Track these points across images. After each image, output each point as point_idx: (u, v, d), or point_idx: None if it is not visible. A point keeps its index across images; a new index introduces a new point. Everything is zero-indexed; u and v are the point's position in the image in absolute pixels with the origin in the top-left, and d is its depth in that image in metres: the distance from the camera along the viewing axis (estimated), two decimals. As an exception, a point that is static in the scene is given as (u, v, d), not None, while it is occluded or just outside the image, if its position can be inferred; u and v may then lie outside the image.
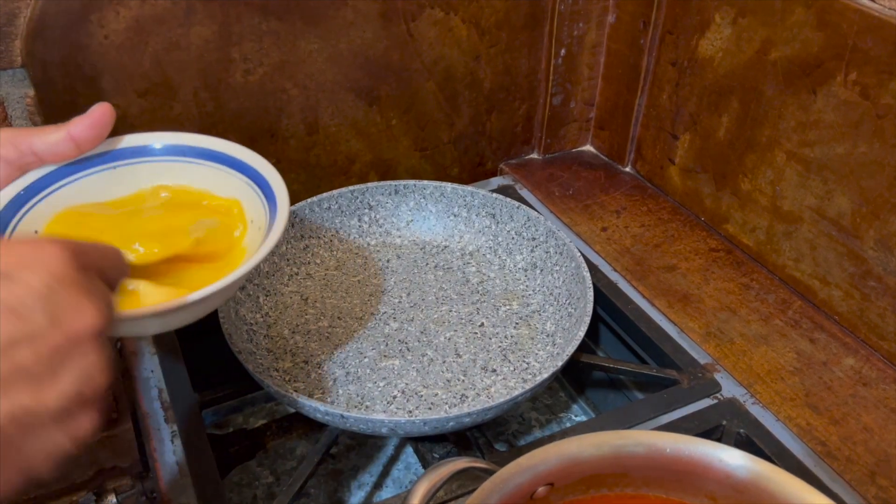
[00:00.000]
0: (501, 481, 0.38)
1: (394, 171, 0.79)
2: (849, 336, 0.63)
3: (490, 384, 0.58)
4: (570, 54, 0.79)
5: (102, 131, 0.44)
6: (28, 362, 0.27)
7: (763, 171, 0.67)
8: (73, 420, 0.29)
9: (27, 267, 0.28)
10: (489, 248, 0.71)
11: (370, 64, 0.71)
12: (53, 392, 0.28)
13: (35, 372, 0.27)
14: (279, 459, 0.68)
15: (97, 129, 0.44)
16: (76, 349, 0.28)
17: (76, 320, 0.28)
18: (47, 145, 0.43)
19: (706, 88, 0.70)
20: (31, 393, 0.27)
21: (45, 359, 0.27)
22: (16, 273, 0.27)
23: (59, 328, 0.28)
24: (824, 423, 0.55)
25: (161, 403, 0.56)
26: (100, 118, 0.43)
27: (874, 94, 0.56)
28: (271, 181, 0.47)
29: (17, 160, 0.42)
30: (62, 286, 0.28)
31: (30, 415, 0.27)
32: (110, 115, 0.44)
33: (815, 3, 0.58)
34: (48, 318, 0.27)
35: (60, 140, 0.43)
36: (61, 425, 0.28)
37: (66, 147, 0.43)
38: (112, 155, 0.48)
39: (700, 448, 0.40)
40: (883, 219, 0.58)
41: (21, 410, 0.27)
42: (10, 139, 0.42)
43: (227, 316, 0.57)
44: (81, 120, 0.43)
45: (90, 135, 0.43)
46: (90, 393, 0.29)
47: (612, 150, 0.85)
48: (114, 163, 0.48)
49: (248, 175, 0.48)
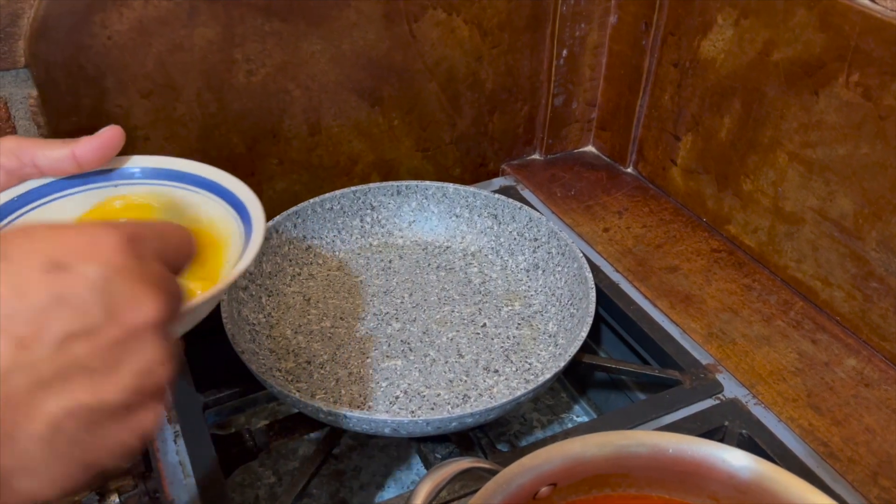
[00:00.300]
0: (504, 481, 0.38)
1: (396, 172, 0.79)
2: (851, 337, 0.63)
3: (492, 384, 0.59)
4: (572, 55, 0.80)
5: (109, 153, 0.44)
6: (85, 357, 0.26)
7: (765, 172, 0.67)
8: (134, 415, 0.28)
9: (83, 256, 0.27)
10: (491, 249, 0.71)
11: (372, 65, 0.71)
12: (112, 387, 0.27)
13: (92, 367, 0.26)
14: (281, 460, 0.68)
15: (103, 151, 0.44)
16: (135, 342, 0.27)
17: (134, 313, 0.27)
18: (50, 161, 0.43)
19: (708, 89, 0.70)
20: (88, 388, 0.26)
21: (103, 353, 0.27)
22: (71, 263, 0.26)
23: (117, 321, 0.27)
24: (826, 423, 0.56)
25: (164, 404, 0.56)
26: (108, 141, 0.43)
27: (876, 95, 0.56)
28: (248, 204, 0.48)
29: (18, 170, 0.42)
30: (119, 276, 0.27)
31: (88, 410, 0.26)
32: (119, 139, 0.44)
33: (818, 4, 0.58)
34: (105, 311, 0.27)
35: (63, 157, 0.43)
36: (123, 420, 0.27)
37: (69, 165, 0.43)
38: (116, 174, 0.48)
39: (703, 448, 0.40)
40: (885, 220, 0.58)
41: (79, 406, 0.26)
42: (13, 149, 0.42)
43: (230, 316, 0.57)
44: (89, 141, 0.43)
45: (95, 156, 0.43)
46: (151, 387, 0.28)
47: (613, 150, 0.85)
48: (115, 181, 0.48)
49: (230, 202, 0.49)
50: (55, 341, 0.26)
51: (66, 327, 0.26)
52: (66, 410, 0.26)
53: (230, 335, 0.55)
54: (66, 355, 0.26)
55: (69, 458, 0.26)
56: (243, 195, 0.49)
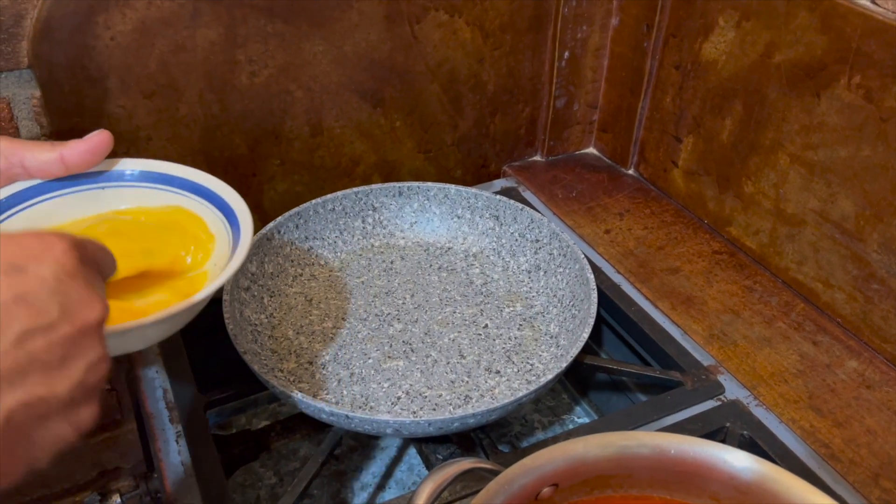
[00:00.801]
0: (506, 482, 0.38)
1: (397, 173, 0.79)
2: (852, 339, 0.63)
3: (494, 385, 0.59)
4: (574, 57, 0.80)
5: (97, 157, 0.45)
6: (42, 353, 0.27)
7: (766, 174, 0.67)
8: (78, 410, 0.29)
9: (37, 259, 0.28)
10: (493, 250, 0.71)
11: (374, 66, 0.71)
12: (64, 382, 0.28)
13: (48, 362, 0.28)
14: (283, 460, 0.68)
15: (91, 155, 0.44)
16: (85, 340, 0.29)
17: (85, 312, 0.29)
18: (38, 163, 0.43)
19: (709, 91, 0.71)
20: (43, 382, 0.28)
21: (58, 349, 0.28)
22: (26, 265, 0.28)
23: (70, 320, 0.28)
24: (828, 425, 0.56)
25: (166, 404, 0.56)
26: (97, 145, 0.44)
27: (878, 97, 0.56)
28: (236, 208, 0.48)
29: (6, 170, 0.43)
30: (71, 279, 0.29)
31: (42, 403, 0.28)
32: (108, 143, 0.44)
33: (819, 6, 0.58)
34: (60, 310, 0.28)
35: (52, 160, 0.43)
36: (68, 415, 0.29)
37: (56, 168, 0.44)
38: (104, 176, 0.49)
39: (704, 449, 0.41)
40: (886, 222, 0.58)
41: (35, 399, 0.27)
42: (1, 150, 0.42)
43: (232, 317, 0.57)
44: (77, 144, 0.44)
45: (83, 160, 0.44)
46: (95, 383, 0.30)
47: (615, 152, 0.85)
48: (102, 183, 0.49)
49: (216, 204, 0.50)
50: (15, 337, 0.27)
51: (26, 324, 0.27)
52: (22, 403, 0.27)
53: (232, 336, 0.55)
54: (24, 350, 0.27)
55: (16, 451, 0.27)
56: (233, 202, 0.49)
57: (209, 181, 0.51)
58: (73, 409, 0.29)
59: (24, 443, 0.27)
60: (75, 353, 0.29)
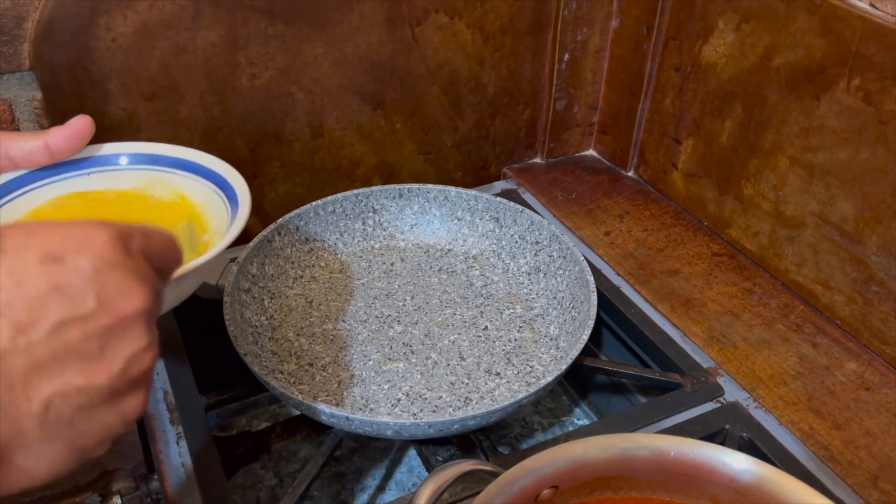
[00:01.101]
0: (506, 484, 0.38)
1: (397, 175, 0.79)
2: (851, 341, 0.63)
3: (494, 387, 0.59)
4: (574, 59, 0.80)
5: (80, 143, 0.45)
6: (78, 343, 0.28)
7: (766, 176, 0.67)
8: (122, 400, 0.30)
9: (76, 249, 0.28)
10: (493, 252, 0.71)
11: (375, 68, 0.71)
12: (103, 371, 0.28)
13: (85, 351, 0.28)
14: (283, 462, 0.68)
15: (74, 141, 0.45)
16: (124, 331, 0.29)
17: (124, 303, 0.29)
18: (24, 152, 0.44)
19: (709, 94, 0.71)
20: (81, 372, 0.28)
21: (95, 339, 0.28)
22: (65, 255, 0.28)
23: (108, 310, 0.29)
24: (827, 427, 0.56)
25: (167, 405, 0.56)
26: (79, 130, 0.45)
27: (877, 100, 0.56)
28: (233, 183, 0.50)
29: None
30: (110, 269, 0.29)
31: (81, 393, 0.28)
32: (90, 128, 0.45)
33: (819, 9, 0.59)
34: (97, 300, 0.28)
35: (36, 149, 0.44)
36: (111, 405, 0.29)
37: (42, 155, 0.44)
38: (89, 162, 0.50)
39: (704, 451, 0.41)
40: (886, 224, 0.58)
41: (72, 388, 0.28)
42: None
43: (233, 318, 0.57)
44: (61, 130, 0.44)
45: (67, 146, 0.45)
46: (138, 373, 0.30)
47: (615, 154, 0.85)
48: (88, 169, 0.49)
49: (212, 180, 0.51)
50: (51, 327, 0.27)
51: (62, 314, 0.27)
52: (60, 392, 0.27)
53: (232, 337, 0.55)
54: (60, 340, 0.27)
55: (61, 438, 0.28)
56: (223, 171, 0.50)
57: (197, 156, 0.52)
58: (118, 398, 0.29)
59: (67, 432, 0.28)
60: (115, 343, 0.29)
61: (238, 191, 0.50)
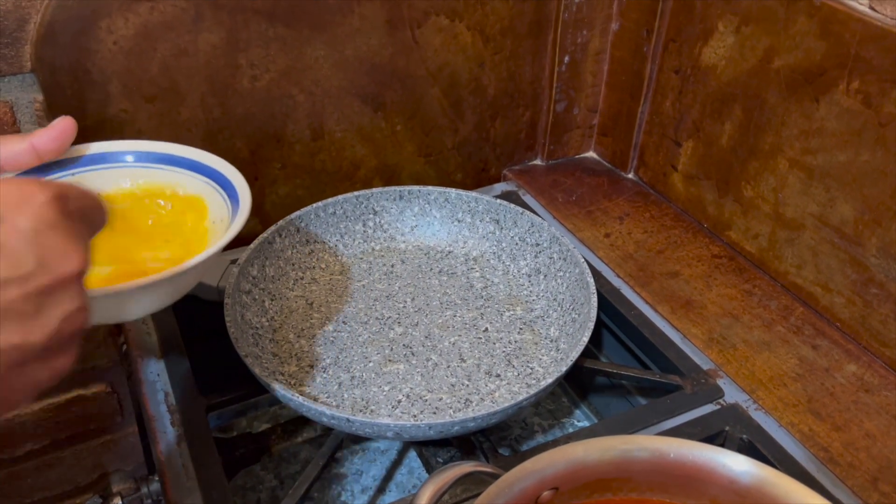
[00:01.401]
0: (507, 485, 0.38)
1: (398, 177, 0.79)
2: (851, 343, 0.63)
3: (494, 389, 0.59)
4: (574, 61, 0.80)
5: (64, 143, 0.46)
6: (17, 302, 0.28)
7: (766, 179, 0.67)
8: (55, 357, 0.31)
9: (16, 209, 0.29)
10: (493, 254, 0.72)
11: (376, 70, 0.71)
12: (40, 330, 0.29)
13: (23, 311, 0.29)
14: (283, 463, 0.68)
15: (59, 142, 0.45)
16: (61, 291, 0.30)
17: (62, 264, 0.30)
18: (11, 154, 0.44)
19: (709, 96, 0.71)
20: (19, 331, 0.28)
21: (33, 299, 0.29)
22: (4, 216, 0.28)
23: (47, 270, 0.29)
24: (827, 429, 0.56)
25: (167, 407, 0.56)
26: (63, 131, 0.45)
27: (876, 102, 0.56)
28: (232, 180, 0.50)
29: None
30: (49, 229, 0.29)
31: (17, 351, 0.28)
32: (72, 129, 0.46)
33: (818, 12, 0.59)
34: (36, 261, 0.29)
35: (23, 151, 0.44)
36: (45, 362, 0.30)
37: (28, 156, 0.45)
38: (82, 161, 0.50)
39: (704, 453, 0.41)
40: (885, 226, 0.58)
41: (10, 346, 0.28)
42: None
43: (234, 320, 0.57)
44: (45, 132, 0.45)
45: (52, 147, 0.45)
46: (72, 332, 0.31)
47: (615, 156, 0.85)
48: (73, 169, 0.50)
49: (210, 177, 0.51)
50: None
51: (1, 274, 0.28)
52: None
53: (233, 339, 0.55)
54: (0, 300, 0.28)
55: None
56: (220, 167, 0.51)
57: (190, 152, 0.52)
58: (50, 356, 0.30)
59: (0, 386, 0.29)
60: (51, 303, 0.29)
61: (238, 187, 0.50)
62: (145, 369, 0.60)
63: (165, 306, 0.48)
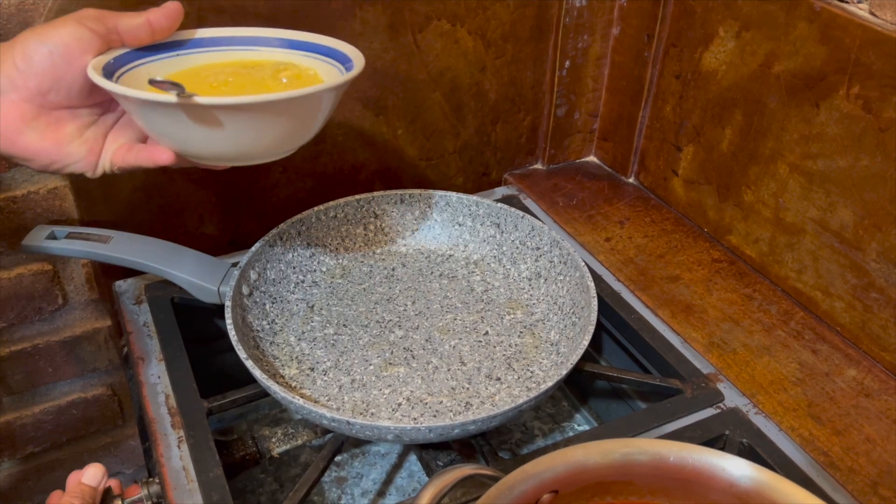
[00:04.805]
0: (507, 488, 0.38)
1: (399, 181, 0.79)
2: (851, 347, 0.63)
3: (494, 392, 0.59)
4: (575, 66, 0.80)
5: (174, 23, 0.49)
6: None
7: (766, 183, 0.67)
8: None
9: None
10: (494, 257, 0.72)
11: (377, 74, 0.71)
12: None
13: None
14: (283, 466, 0.68)
15: (170, 20, 0.48)
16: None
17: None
18: (129, 27, 0.47)
19: (710, 101, 0.71)
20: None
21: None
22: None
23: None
24: (827, 433, 0.56)
25: (168, 409, 0.56)
26: (173, 10, 0.48)
27: (876, 107, 0.57)
28: (345, 50, 0.52)
29: (105, 35, 0.46)
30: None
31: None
32: (180, 9, 0.48)
33: (819, 17, 0.59)
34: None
35: (140, 24, 0.47)
36: None
37: (145, 31, 0.48)
38: (194, 42, 0.52)
39: (704, 457, 0.41)
40: (885, 231, 0.58)
41: None
42: (97, 17, 0.46)
43: (235, 323, 0.57)
44: (159, 10, 0.48)
45: (167, 23, 0.48)
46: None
47: (615, 161, 0.85)
48: (189, 49, 0.52)
49: (317, 51, 0.53)
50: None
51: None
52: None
53: (234, 341, 0.56)
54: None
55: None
56: (326, 42, 0.53)
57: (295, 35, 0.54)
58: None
59: None
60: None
61: (348, 52, 0.52)
62: (146, 372, 0.60)
63: (294, 145, 0.50)
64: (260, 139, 0.47)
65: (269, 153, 0.49)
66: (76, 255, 0.61)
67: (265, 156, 0.49)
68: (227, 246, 0.73)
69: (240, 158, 0.49)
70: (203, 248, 0.64)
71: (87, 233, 0.61)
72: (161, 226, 0.69)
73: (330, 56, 0.53)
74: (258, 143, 0.47)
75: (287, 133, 0.48)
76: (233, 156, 0.48)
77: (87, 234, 0.61)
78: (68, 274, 0.69)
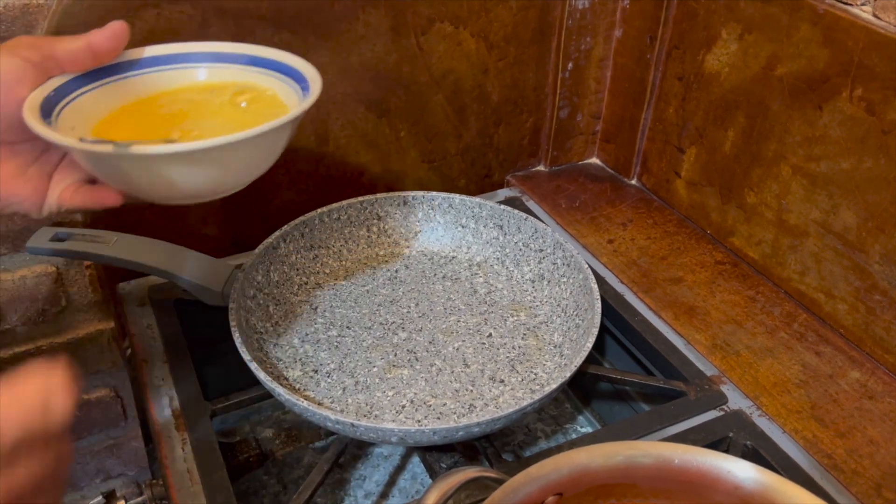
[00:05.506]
0: (511, 491, 0.38)
1: (402, 183, 0.79)
2: (854, 349, 0.63)
3: (498, 394, 0.59)
4: (578, 68, 0.80)
5: (119, 44, 0.45)
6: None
7: (769, 185, 0.67)
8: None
9: None
10: (497, 259, 0.72)
11: (380, 77, 0.72)
12: None
13: None
14: (287, 468, 0.68)
15: (114, 42, 0.45)
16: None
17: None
18: (67, 53, 0.44)
19: (712, 103, 0.71)
20: None
21: None
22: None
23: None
24: (830, 435, 0.56)
25: (171, 411, 0.56)
26: (117, 31, 0.45)
27: (879, 109, 0.57)
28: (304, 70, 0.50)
29: (41, 63, 0.43)
30: None
31: None
32: (125, 30, 0.45)
33: (821, 20, 0.59)
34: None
35: (80, 49, 0.44)
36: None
37: (86, 56, 0.44)
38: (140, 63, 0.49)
39: (708, 459, 0.41)
40: (888, 233, 0.58)
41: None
42: (31, 44, 0.43)
43: (238, 324, 0.57)
44: (101, 31, 0.44)
45: (108, 46, 0.45)
46: None
47: (618, 163, 0.85)
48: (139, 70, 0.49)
49: (276, 69, 0.51)
50: None
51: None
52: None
53: (238, 343, 0.56)
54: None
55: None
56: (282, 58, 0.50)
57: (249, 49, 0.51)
58: None
59: None
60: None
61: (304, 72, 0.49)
62: (150, 374, 0.60)
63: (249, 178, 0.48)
64: (208, 181, 0.45)
65: (220, 191, 0.47)
66: (80, 256, 0.61)
67: (216, 194, 0.47)
68: (230, 248, 0.73)
69: (190, 198, 0.47)
70: (205, 249, 0.64)
71: (90, 235, 0.61)
72: (164, 227, 0.69)
73: (289, 75, 0.50)
74: (207, 184, 0.45)
75: (236, 172, 0.46)
76: (182, 197, 0.46)
77: (90, 235, 0.61)
78: (72, 276, 0.69)
